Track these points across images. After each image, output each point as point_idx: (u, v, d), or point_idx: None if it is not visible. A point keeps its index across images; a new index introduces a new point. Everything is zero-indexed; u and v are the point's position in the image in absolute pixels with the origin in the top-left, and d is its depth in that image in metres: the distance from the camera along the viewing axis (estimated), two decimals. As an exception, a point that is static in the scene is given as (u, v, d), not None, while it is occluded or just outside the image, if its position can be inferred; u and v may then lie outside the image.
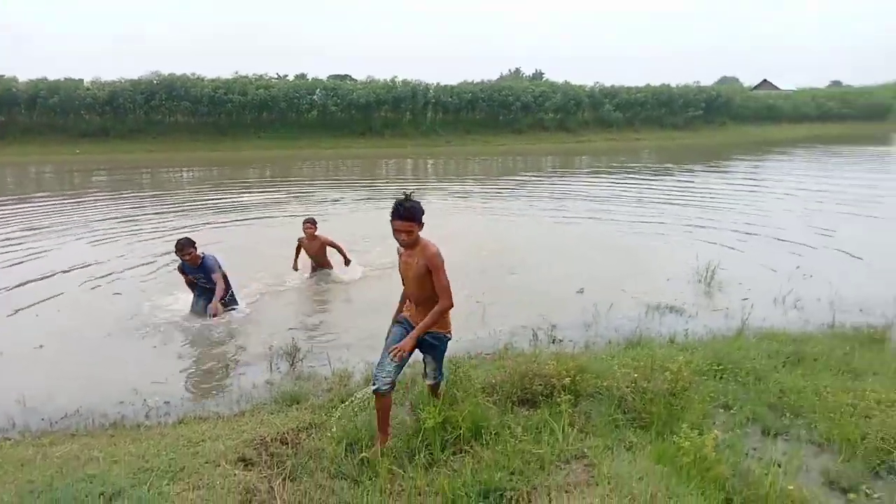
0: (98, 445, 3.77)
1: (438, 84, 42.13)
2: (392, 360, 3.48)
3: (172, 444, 3.65)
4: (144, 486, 3.04)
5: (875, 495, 3.15)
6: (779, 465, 3.34)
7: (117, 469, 3.27)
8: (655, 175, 22.23)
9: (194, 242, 6.36)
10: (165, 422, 4.34)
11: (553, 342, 5.66)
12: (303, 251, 8.18)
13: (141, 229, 11.78)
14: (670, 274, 8.15)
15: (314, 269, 8.39)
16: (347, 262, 8.09)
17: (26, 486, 3.11)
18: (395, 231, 3.51)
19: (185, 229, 11.33)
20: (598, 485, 2.97)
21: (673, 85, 47.98)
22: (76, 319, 6.70)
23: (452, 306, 3.57)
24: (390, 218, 3.47)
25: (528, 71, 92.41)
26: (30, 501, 2.94)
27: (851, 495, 3.14)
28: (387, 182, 21.53)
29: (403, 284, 3.80)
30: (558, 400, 3.88)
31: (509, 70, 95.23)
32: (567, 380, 4.11)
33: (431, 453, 3.59)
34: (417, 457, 3.54)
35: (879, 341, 5.60)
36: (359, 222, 12.32)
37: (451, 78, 48.77)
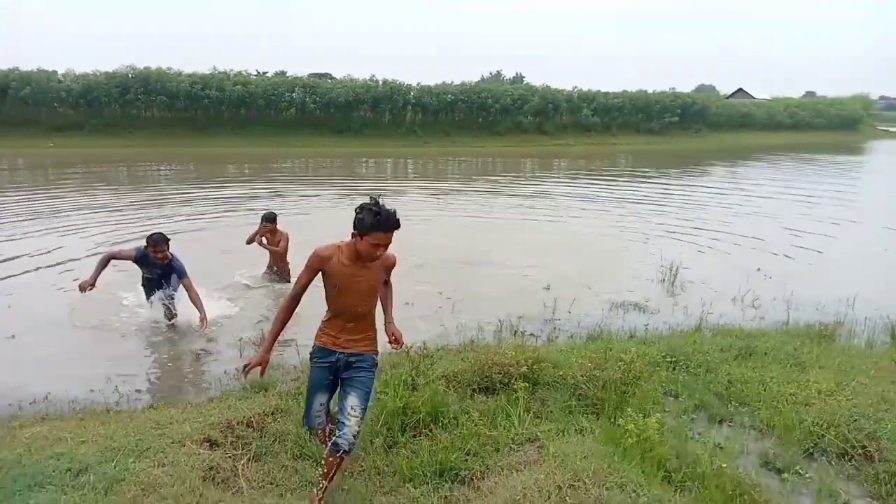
0: (67, 428, 3.84)
1: (418, 84, 42.27)
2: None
3: (140, 426, 3.74)
4: (111, 462, 3.14)
5: (807, 475, 3.37)
6: (720, 447, 3.56)
7: (85, 448, 3.36)
8: (632, 179, 22.61)
9: (169, 240, 6.15)
10: (135, 407, 4.43)
11: (515, 335, 5.83)
12: (264, 241, 7.66)
13: (116, 221, 11.75)
14: (636, 273, 8.40)
15: (272, 269, 7.87)
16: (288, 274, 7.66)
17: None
18: (375, 246, 2.92)
19: (159, 221, 11.33)
20: (544, 462, 3.14)
21: (650, 91, 48.71)
22: (48, 310, 6.72)
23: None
24: (376, 230, 2.87)
25: (508, 74, 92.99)
26: (-3, 478, 3.03)
27: (785, 475, 3.36)
28: (365, 181, 21.61)
29: (335, 303, 3.15)
30: (515, 387, 4.05)
31: (490, 73, 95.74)
32: (524, 368, 4.29)
33: (392, 436, 3.75)
34: (378, 439, 3.70)
35: (829, 338, 5.88)
36: (336, 219, 12.39)
37: (431, 79, 48.94)
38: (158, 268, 6.10)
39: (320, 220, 12.27)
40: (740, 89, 70.81)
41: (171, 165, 25.53)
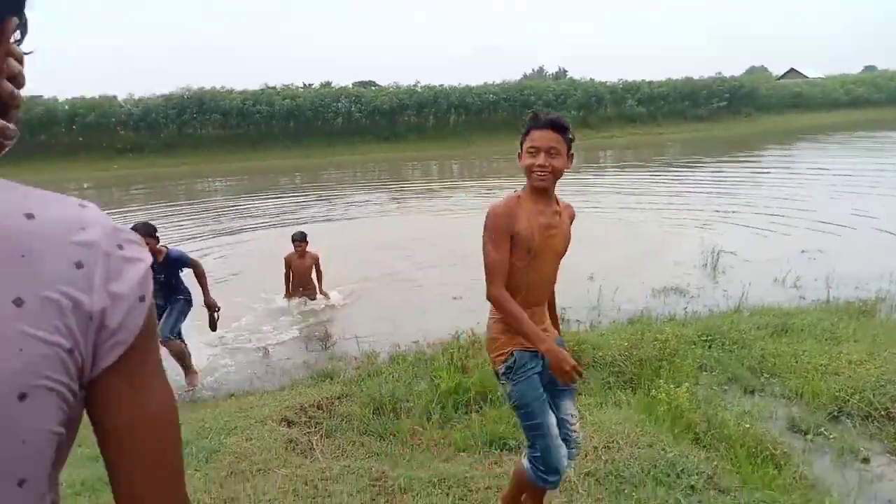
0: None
1: (460, 86, 42.75)
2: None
3: (226, 410, 4.28)
4: (206, 438, 3.66)
5: (831, 435, 3.61)
6: (748, 413, 3.84)
7: (183, 429, 3.89)
8: (679, 166, 22.49)
9: (154, 230, 5.08)
10: (218, 396, 5.00)
11: (561, 322, 6.16)
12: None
13: (180, 235, 12.60)
14: (679, 259, 8.59)
15: (297, 290, 7.50)
16: (322, 292, 7.54)
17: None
18: (532, 152, 2.21)
19: (217, 232, 12.11)
20: (582, 429, 3.49)
21: (695, 77, 47.81)
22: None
23: None
24: (529, 131, 2.25)
25: (551, 69, 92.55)
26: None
27: (809, 436, 3.61)
28: (411, 183, 22.18)
29: (525, 276, 2.30)
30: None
31: (532, 70, 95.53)
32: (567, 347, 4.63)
33: (445, 413, 4.16)
34: (433, 416, 4.12)
35: (868, 313, 5.99)
36: (383, 226, 12.95)
37: (473, 80, 49.31)
38: (156, 271, 4.89)
39: (368, 225, 12.85)
40: (792, 69, 68.51)
41: (226, 180, 26.74)
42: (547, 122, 2.20)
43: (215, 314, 5.41)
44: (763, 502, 2.67)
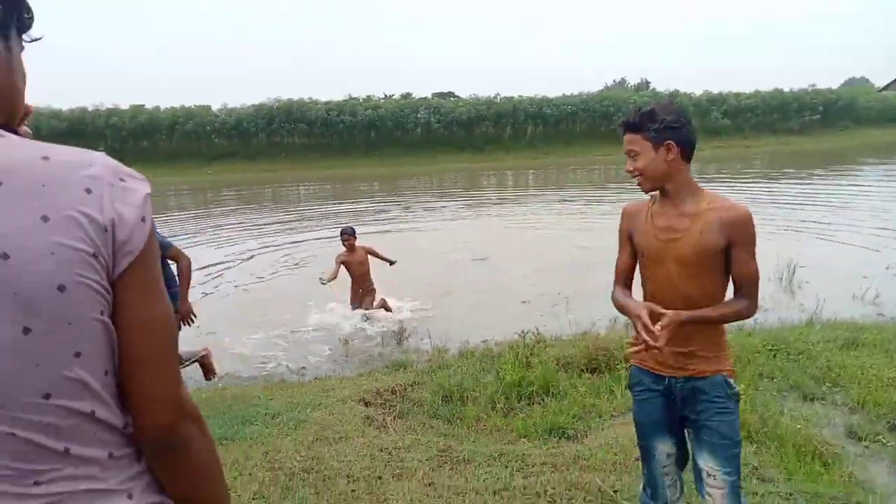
0: (256, 392, 4.93)
1: (538, 97, 42.84)
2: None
3: (311, 390, 4.75)
4: (295, 411, 4.11)
5: (889, 443, 3.66)
6: (804, 418, 3.93)
7: (274, 403, 4.39)
8: (768, 179, 21.84)
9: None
10: (303, 380, 5.49)
11: (628, 328, 6.32)
12: (342, 269, 7.24)
13: (261, 234, 13.47)
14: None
15: (357, 293, 7.49)
16: (391, 262, 7.64)
17: (215, 411, 4.28)
18: (627, 153, 2.05)
19: (298, 233, 12.86)
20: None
21: (786, 90, 45.86)
22: (235, 308, 8.13)
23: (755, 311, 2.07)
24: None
25: (633, 81, 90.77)
26: (218, 421, 4.09)
27: (865, 442, 3.67)
28: (487, 192, 22.55)
29: (646, 283, 2.13)
30: (618, 367, 4.63)
31: (613, 81, 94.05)
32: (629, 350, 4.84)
33: (509, 404, 4.46)
34: (498, 405, 4.42)
35: (950, 332, 5.82)
36: (459, 232, 13.37)
37: (555, 91, 49.29)
38: None
39: (444, 230, 13.29)
40: None
41: (309, 185, 28.00)
42: (620, 126, 2.06)
43: (188, 321, 4.27)
44: (804, 493, 2.82)
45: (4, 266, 0.75)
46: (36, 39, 0.92)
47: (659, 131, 1.94)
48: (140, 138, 39.10)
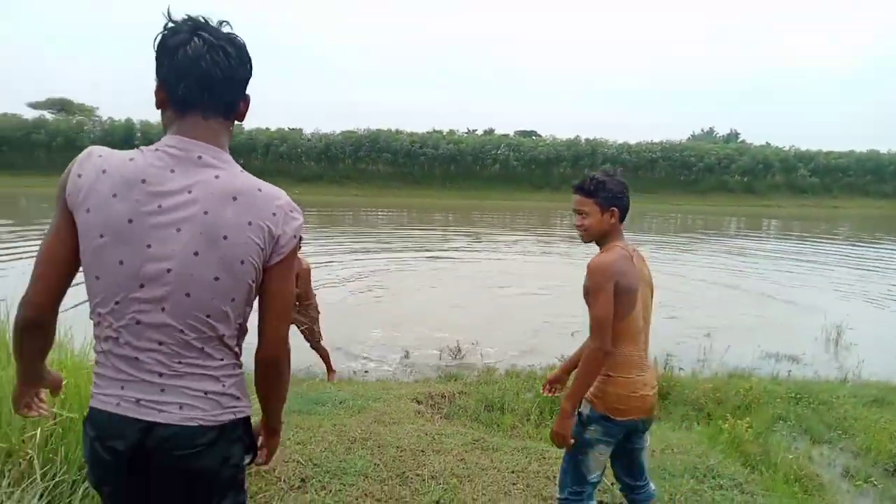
0: (324, 385, 5.76)
1: (617, 142, 43.09)
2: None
3: (373, 387, 5.53)
4: (358, 400, 4.89)
5: (880, 485, 4.05)
6: (806, 457, 4.36)
7: (341, 393, 5.18)
8: (855, 243, 21.39)
9: None
10: (366, 380, 6.28)
11: (664, 368, 6.79)
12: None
13: (347, 254, 14.56)
14: (803, 330, 8.73)
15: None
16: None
17: (293, 394, 5.12)
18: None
19: (390, 254, 13.84)
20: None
21: (883, 151, 44.15)
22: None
23: (601, 350, 2.30)
24: None
25: (722, 131, 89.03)
26: (296, 400, 4.92)
27: (858, 481, 4.08)
28: (557, 230, 23.09)
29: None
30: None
31: (702, 129, 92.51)
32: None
33: (542, 417, 5.07)
34: (532, 417, 5.05)
35: None
36: (526, 265, 14.01)
37: (636, 137, 49.34)
38: None
39: (513, 262, 13.97)
40: None
41: (388, 212, 29.36)
42: (574, 188, 2.47)
43: None
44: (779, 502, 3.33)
45: (224, 242, 1.35)
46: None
47: (606, 199, 2.37)
48: (237, 156, 41.68)
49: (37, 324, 1.40)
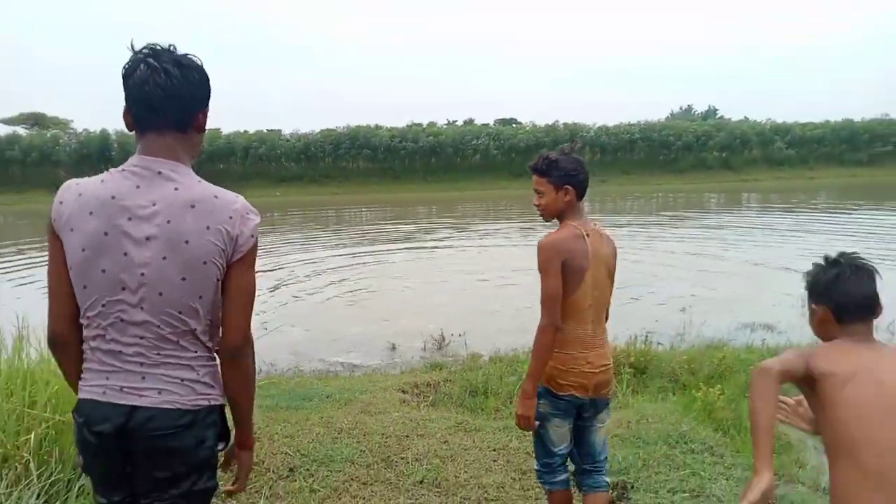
0: (312, 382, 5.88)
1: (595, 125, 43.35)
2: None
3: (359, 380, 5.67)
4: (345, 394, 5.02)
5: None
6: (778, 419, 4.55)
7: (328, 388, 5.31)
8: (832, 212, 21.79)
9: None
10: (354, 374, 6.42)
11: (645, 344, 6.98)
12: None
13: (324, 250, 14.65)
14: (779, 300, 8.97)
15: None
16: None
17: (281, 392, 5.25)
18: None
19: (353, 251, 13.95)
20: (624, 409, 4.44)
21: (857, 119, 44.78)
22: (294, 315, 9.21)
23: (551, 325, 2.37)
24: None
25: (700, 108, 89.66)
26: (284, 397, 5.04)
27: (825, 439, 4.27)
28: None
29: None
30: (621, 371, 5.34)
31: (680, 107, 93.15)
32: (632, 359, 5.54)
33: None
34: (514, 399, 5.20)
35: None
36: (511, 252, 14.18)
37: (616, 118, 49.74)
38: None
39: (498, 250, 14.12)
40: (979, 110, 61.39)
41: (370, 208, 29.42)
42: (530, 169, 2.51)
43: None
44: (743, 464, 3.51)
45: (186, 246, 1.51)
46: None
47: (560, 177, 2.42)
48: (217, 160, 41.75)
49: (59, 343, 1.61)
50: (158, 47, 1.55)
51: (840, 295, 1.75)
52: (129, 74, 1.53)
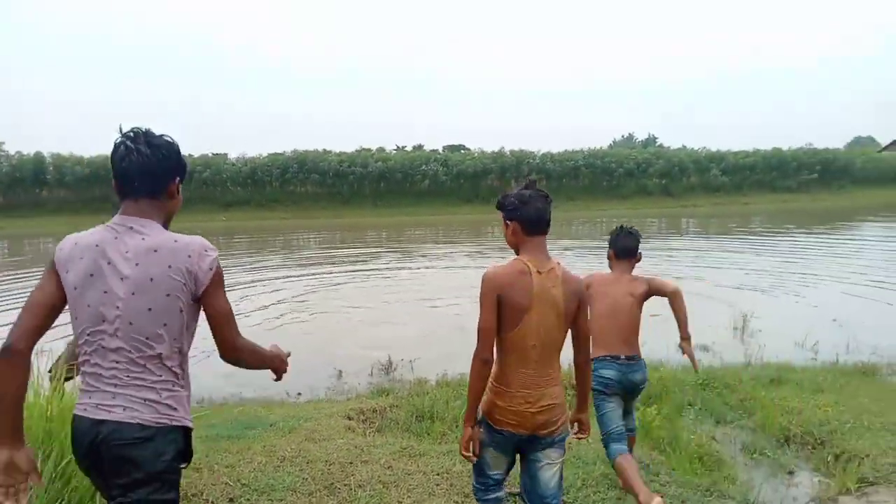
0: (257, 410, 5.78)
1: (539, 152, 44.36)
2: None
3: (303, 409, 5.61)
4: (290, 421, 4.96)
5: (772, 456, 4.47)
6: (709, 437, 4.75)
7: (272, 416, 5.23)
8: (765, 236, 22.79)
9: None
10: (299, 402, 6.34)
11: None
12: None
13: (274, 279, 14.45)
14: (715, 321, 9.34)
15: None
16: None
17: (223, 420, 5.15)
18: None
19: (303, 275, 13.82)
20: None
21: (784, 148, 47.24)
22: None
23: (479, 358, 2.45)
24: None
25: (640, 136, 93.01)
26: (226, 426, 4.95)
27: (755, 455, 4.49)
28: (489, 241, 23.58)
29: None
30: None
31: (622, 136, 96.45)
32: (572, 380, 5.66)
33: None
34: (459, 423, 5.24)
35: (869, 374, 6.61)
36: (457, 275, 14.29)
37: (561, 146, 50.99)
38: None
39: (444, 273, 14.20)
40: None
41: (319, 233, 29.17)
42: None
43: None
44: (679, 482, 3.65)
45: (151, 284, 1.85)
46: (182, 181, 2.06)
47: (506, 213, 2.49)
48: (159, 184, 40.64)
49: (14, 351, 1.76)
50: (137, 130, 1.93)
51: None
52: (113, 153, 1.91)
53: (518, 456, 2.58)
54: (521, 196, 2.46)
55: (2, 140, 52.54)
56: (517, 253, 2.49)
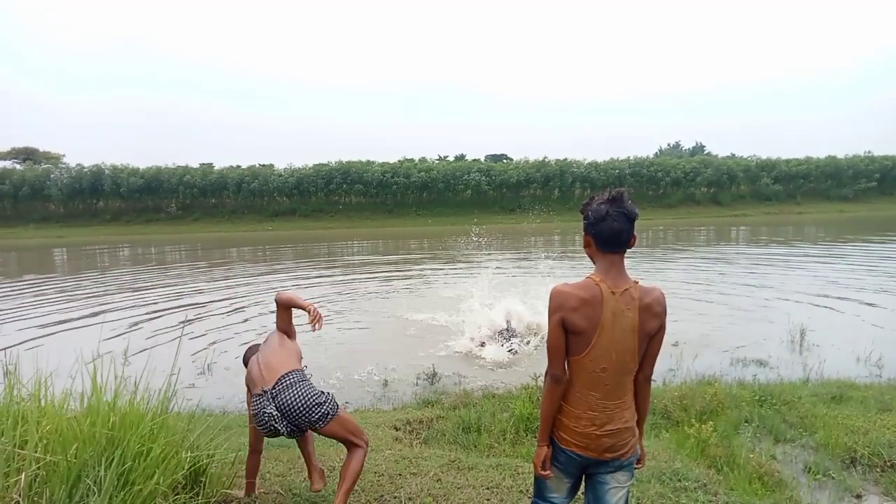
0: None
1: (585, 161, 43.93)
2: None
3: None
4: (337, 430, 4.97)
5: (836, 477, 4.25)
6: (769, 456, 4.56)
7: (320, 425, 5.26)
8: (825, 246, 21.98)
9: None
10: (346, 410, 6.36)
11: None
12: None
13: (319, 285, 14.63)
14: (769, 334, 9.02)
15: None
16: None
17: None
18: None
19: (346, 281, 13.93)
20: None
21: (840, 156, 45.59)
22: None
23: (550, 374, 2.36)
24: None
25: (687, 144, 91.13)
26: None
27: (817, 475, 4.28)
28: (531, 250, 23.42)
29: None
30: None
31: (668, 144, 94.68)
32: (625, 395, 5.54)
33: (519, 437, 5.20)
34: (508, 436, 5.18)
35: (939, 392, 6.26)
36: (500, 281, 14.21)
37: (608, 154, 50.40)
38: None
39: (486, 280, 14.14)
40: (960, 147, 62.71)
41: (362, 242, 29.46)
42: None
43: None
44: (738, 501, 3.50)
45: None
46: None
47: (586, 225, 2.31)
48: (210, 196, 41.91)
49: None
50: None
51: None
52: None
53: (584, 476, 2.48)
54: (598, 212, 2.27)
55: (62, 153, 55.07)
56: (594, 263, 2.36)
